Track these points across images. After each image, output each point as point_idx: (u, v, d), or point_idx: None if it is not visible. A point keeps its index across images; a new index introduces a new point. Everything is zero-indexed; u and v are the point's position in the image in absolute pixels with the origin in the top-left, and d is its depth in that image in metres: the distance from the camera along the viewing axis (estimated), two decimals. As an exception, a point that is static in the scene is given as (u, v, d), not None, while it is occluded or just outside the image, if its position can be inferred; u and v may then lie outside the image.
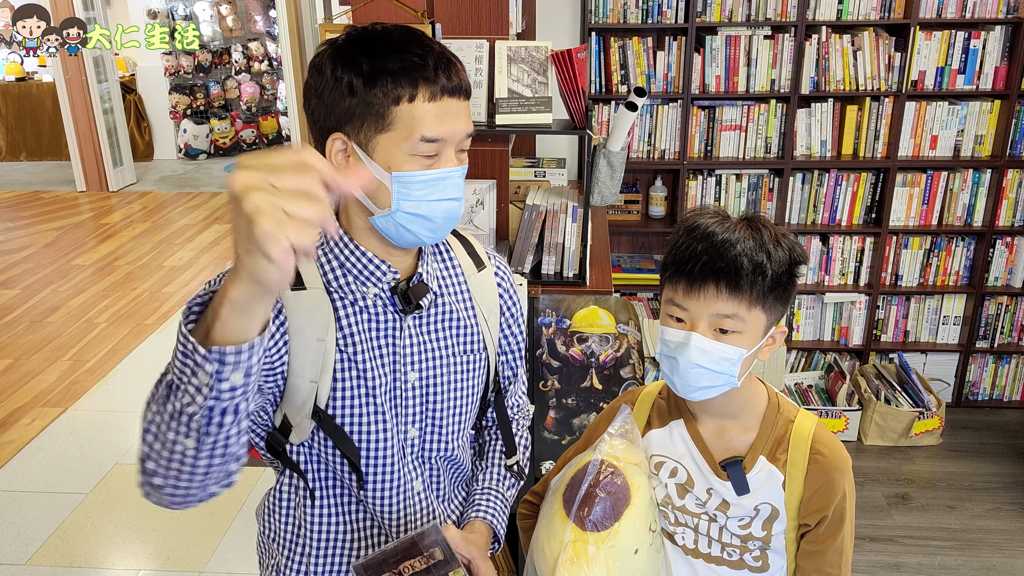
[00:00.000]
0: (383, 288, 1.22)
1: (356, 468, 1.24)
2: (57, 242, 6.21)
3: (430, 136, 1.11)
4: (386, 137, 1.12)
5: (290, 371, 1.19)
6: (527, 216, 2.30)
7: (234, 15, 8.79)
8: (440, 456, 1.32)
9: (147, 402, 1.03)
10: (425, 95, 1.10)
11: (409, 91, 1.10)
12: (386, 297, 1.23)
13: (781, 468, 1.20)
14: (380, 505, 1.29)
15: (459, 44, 2.21)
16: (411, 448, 1.28)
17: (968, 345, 3.64)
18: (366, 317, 1.23)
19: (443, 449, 1.32)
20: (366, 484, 1.27)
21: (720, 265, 1.11)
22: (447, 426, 1.31)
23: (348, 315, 1.22)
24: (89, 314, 4.93)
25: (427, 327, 1.27)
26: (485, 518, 1.37)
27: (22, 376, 4.18)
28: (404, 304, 1.23)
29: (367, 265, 1.21)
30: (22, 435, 3.65)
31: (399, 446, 1.27)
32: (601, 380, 2.18)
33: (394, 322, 1.24)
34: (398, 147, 1.12)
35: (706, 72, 3.38)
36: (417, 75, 1.11)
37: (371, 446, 1.25)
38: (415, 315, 1.25)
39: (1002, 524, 2.95)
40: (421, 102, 1.11)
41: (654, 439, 1.29)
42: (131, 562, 2.93)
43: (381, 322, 1.23)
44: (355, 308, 1.22)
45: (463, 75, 1.16)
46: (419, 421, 1.28)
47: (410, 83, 1.10)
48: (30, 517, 3.14)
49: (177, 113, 8.77)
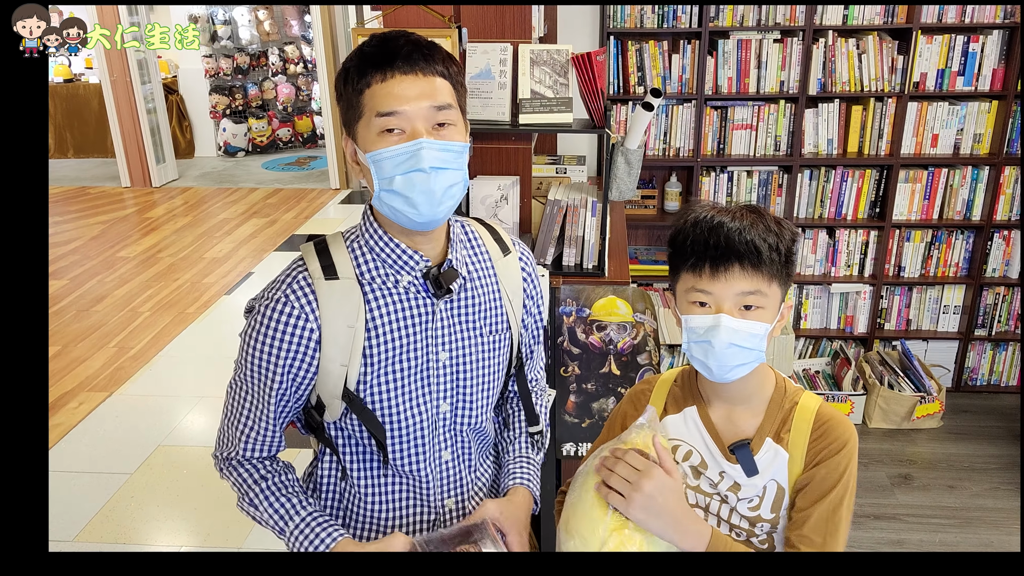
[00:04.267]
0: (416, 276, 1.24)
1: (382, 445, 1.27)
2: (103, 235, 6.30)
3: (382, 111, 1.13)
4: (360, 124, 1.17)
5: (322, 357, 1.21)
6: (549, 211, 2.31)
7: (271, 20, 8.85)
8: (469, 427, 1.34)
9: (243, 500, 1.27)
10: (379, 77, 1.14)
11: (368, 78, 1.15)
12: (419, 284, 1.24)
13: (786, 447, 1.21)
14: (413, 475, 1.32)
15: (484, 48, 2.21)
16: (442, 422, 1.30)
17: (967, 333, 3.65)
18: (399, 303, 1.24)
19: (472, 421, 1.34)
20: (396, 456, 1.30)
21: (740, 248, 1.14)
22: (476, 400, 1.33)
23: (379, 302, 1.24)
24: (133, 303, 4.99)
25: (457, 310, 1.28)
26: (525, 483, 1.40)
27: (70, 362, 4.23)
28: (436, 289, 1.24)
29: (400, 255, 1.23)
30: (70, 418, 3.70)
31: (431, 420, 1.29)
32: (619, 366, 2.18)
33: (427, 306, 1.25)
34: (367, 129, 1.16)
35: (719, 74, 3.41)
36: (374, 64, 1.15)
37: (401, 422, 1.27)
38: (446, 299, 1.27)
39: (999, 503, 2.97)
40: (376, 84, 1.14)
41: (669, 424, 1.30)
42: (173, 538, 2.96)
43: (414, 307, 1.25)
44: (387, 295, 1.24)
45: (430, 57, 1.16)
46: (450, 396, 1.30)
47: (369, 71, 1.15)
48: (77, 496, 3.17)
49: (217, 113, 8.81)
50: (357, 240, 1.25)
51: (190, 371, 4.18)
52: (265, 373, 1.22)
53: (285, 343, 1.19)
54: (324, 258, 1.23)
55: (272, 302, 1.20)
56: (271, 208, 7.00)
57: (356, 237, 1.26)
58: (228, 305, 4.92)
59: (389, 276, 1.23)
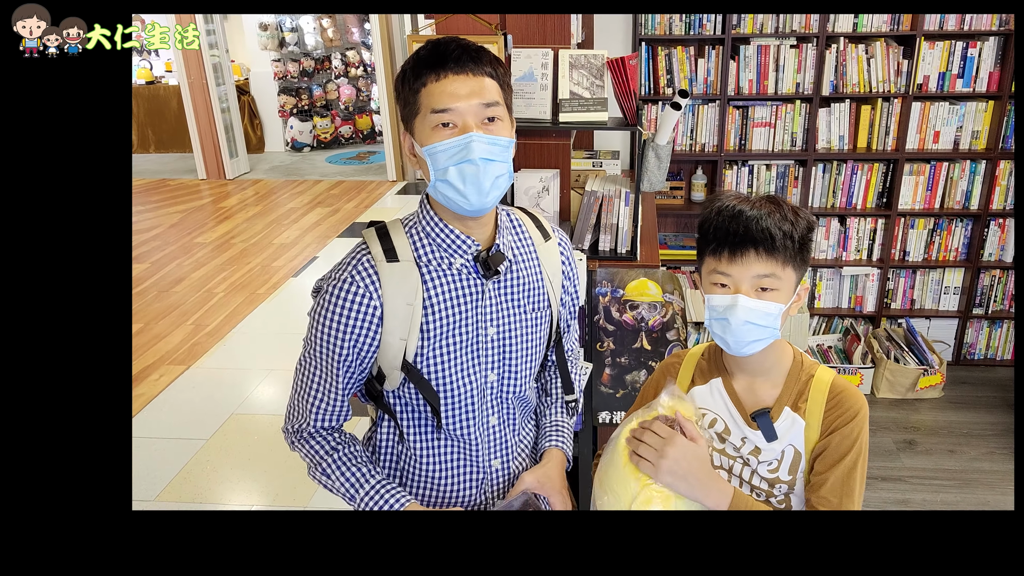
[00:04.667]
0: (468, 259, 1.25)
1: (437, 411, 1.29)
2: (181, 223, 6.40)
3: (437, 107, 1.15)
4: (417, 120, 1.19)
5: (383, 331, 1.23)
6: (586, 201, 2.29)
7: (334, 27, 8.94)
8: (513, 395, 1.36)
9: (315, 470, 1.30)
10: (433, 78, 1.16)
11: (423, 78, 1.16)
12: (470, 266, 1.25)
13: (803, 415, 1.21)
14: (463, 438, 1.33)
15: (528, 52, 2.20)
16: (490, 390, 1.32)
17: (966, 312, 3.66)
18: (452, 283, 1.25)
19: (516, 389, 1.35)
20: (448, 422, 1.31)
21: (757, 235, 1.15)
22: (519, 370, 1.34)
23: (435, 282, 1.24)
24: (209, 285, 5.04)
25: (504, 289, 1.30)
26: (558, 445, 1.43)
27: (151, 338, 4.31)
28: (485, 270, 1.25)
29: (453, 240, 1.24)
30: (151, 389, 3.76)
31: (480, 389, 1.31)
32: (650, 342, 2.17)
33: (477, 286, 1.27)
34: (423, 125, 1.18)
35: (740, 77, 3.43)
36: (428, 66, 1.16)
37: (453, 391, 1.29)
38: (494, 280, 1.28)
39: (995, 466, 3.02)
40: (431, 83, 1.16)
41: (697, 394, 1.30)
42: (244, 499, 2.97)
43: (466, 287, 1.26)
44: (442, 276, 1.25)
45: (479, 59, 1.17)
46: (497, 367, 1.31)
47: (424, 72, 1.16)
48: (157, 460, 3.19)
49: (284, 112, 8.89)
50: (415, 226, 1.26)
51: (260, 346, 4.22)
52: (333, 347, 1.23)
53: (352, 319, 1.21)
54: (385, 242, 1.24)
55: (340, 282, 1.22)
56: (334, 198, 7.01)
57: (414, 223, 1.27)
58: (295, 286, 4.95)
59: (444, 259, 1.24)
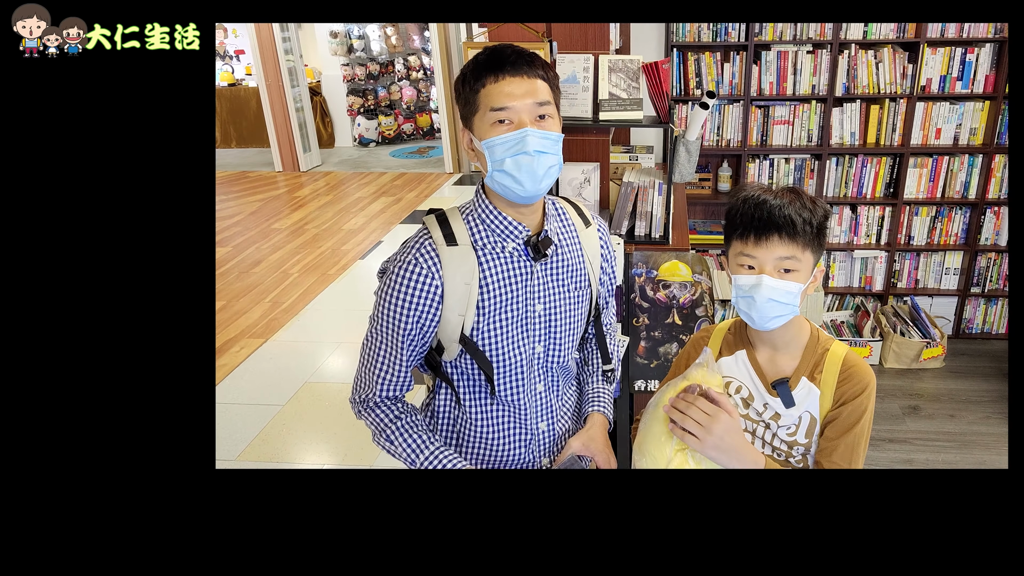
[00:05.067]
0: (519, 243, 1.28)
1: (491, 379, 1.31)
2: (260, 210, 6.58)
3: (495, 106, 1.18)
4: (476, 117, 1.21)
5: (443, 308, 1.25)
6: (624, 191, 2.33)
7: (397, 35, 9.18)
8: (558, 364, 1.38)
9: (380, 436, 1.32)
10: (492, 79, 1.18)
11: (482, 80, 1.19)
12: (521, 249, 1.28)
13: (818, 385, 1.24)
14: (513, 403, 1.36)
15: (571, 57, 2.23)
16: (537, 360, 1.34)
17: (965, 290, 3.74)
18: (505, 264, 1.27)
19: (560, 359, 1.38)
20: (500, 389, 1.33)
21: (780, 221, 1.17)
22: (563, 342, 1.36)
23: (490, 264, 1.26)
24: (284, 266, 5.19)
25: (550, 271, 1.32)
26: (600, 410, 1.47)
27: (232, 314, 4.43)
28: (534, 254, 1.28)
29: (507, 226, 1.26)
30: (232, 360, 3.88)
31: (528, 359, 1.33)
32: (681, 317, 2.22)
33: (527, 267, 1.29)
34: (482, 121, 1.20)
35: (762, 79, 3.51)
36: (488, 69, 1.19)
37: (505, 361, 1.31)
38: (542, 262, 1.30)
39: (991, 429, 3.11)
40: (490, 84, 1.18)
41: (724, 364, 1.33)
42: (316, 459, 3.05)
43: (517, 268, 1.28)
44: (496, 258, 1.27)
45: (533, 63, 1.20)
46: (544, 340, 1.34)
47: (483, 74, 1.19)
48: (238, 423, 3.28)
49: (352, 111, 9.12)
50: (471, 214, 1.28)
51: (331, 321, 4.31)
52: (398, 322, 1.25)
53: (416, 296, 1.24)
54: (445, 228, 1.27)
55: (405, 264, 1.24)
56: (397, 189, 7.18)
57: (470, 211, 1.29)
58: (362, 268, 5.10)
59: (497, 243, 1.27)
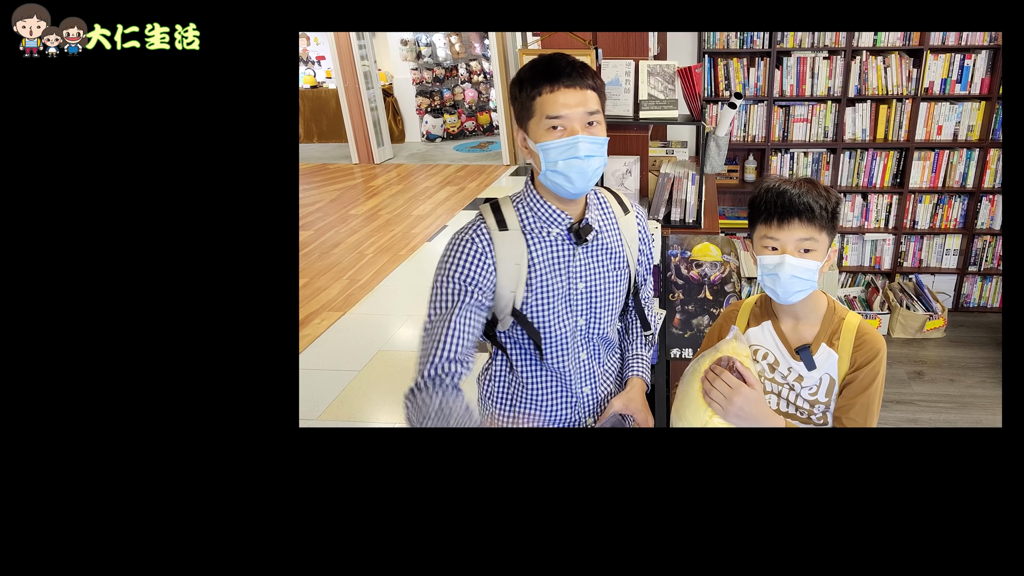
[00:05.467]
0: (563, 229, 1.30)
1: (539, 347, 1.35)
2: (338, 198, 6.78)
3: (551, 114, 1.19)
4: (532, 122, 1.23)
5: (498, 285, 1.28)
6: (661, 181, 2.34)
7: (460, 42, 9.40)
8: (599, 335, 1.41)
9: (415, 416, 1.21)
10: (548, 89, 1.19)
11: (539, 88, 1.20)
12: (564, 234, 1.30)
13: (836, 349, 1.28)
14: (559, 369, 1.38)
15: (614, 63, 2.25)
16: (580, 332, 1.37)
17: (963, 269, 3.80)
18: (550, 248, 1.30)
19: (600, 331, 1.41)
20: (547, 356, 1.36)
21: (800, 207, 1.21)
22: (604, 317, 1.39)
23: (537, 247, 1.29)
24: (360, 248, 5.36)
25: (592, 253, 1.34)
26: (639, 374, 1.50)
27: (314, 290, 4.58)
28: (576, 238, 1.30)
29: (552, 214, 1.29)
30: (314, 331, 4.00)
31: (572, 331, 1.36)
32: (712, 293, 2.28)
33: (570, 250, 1.32)
34: (538, 127, 1.22)
35: (783, 82, 3.60)
36: (544, 78, 1.20)
37: (552, 332, 1.35)
38: (584, 246, 1.32)
39: (987, 392, 3.20)
40: (546, 93, 1.19)
41: (752, 334, 1.37)
42: (388, 418, 3.16)
43: (561, 251, 1.31)
44: (542, 242, 1.29)
45: (584, 75, 1.20)
46: (586, 314, 1.37)
47: (540, 83, 1.20)
48: (320, 387, 3.37)
49: (420, 110, 9.33)
50: (521, 202, 1.31)
51: (401, 296, 4.47)
52: (456, 294, 1.27)
53: (472, 271, 1.27)
54: (497, 215, 1.30)
55: (462, 243, 1.28)
56: (460, 179, 7.35)
57: (520, 200, 1.32)
58: (429, 249, 5.26)
59: (543, 228, 1.29)
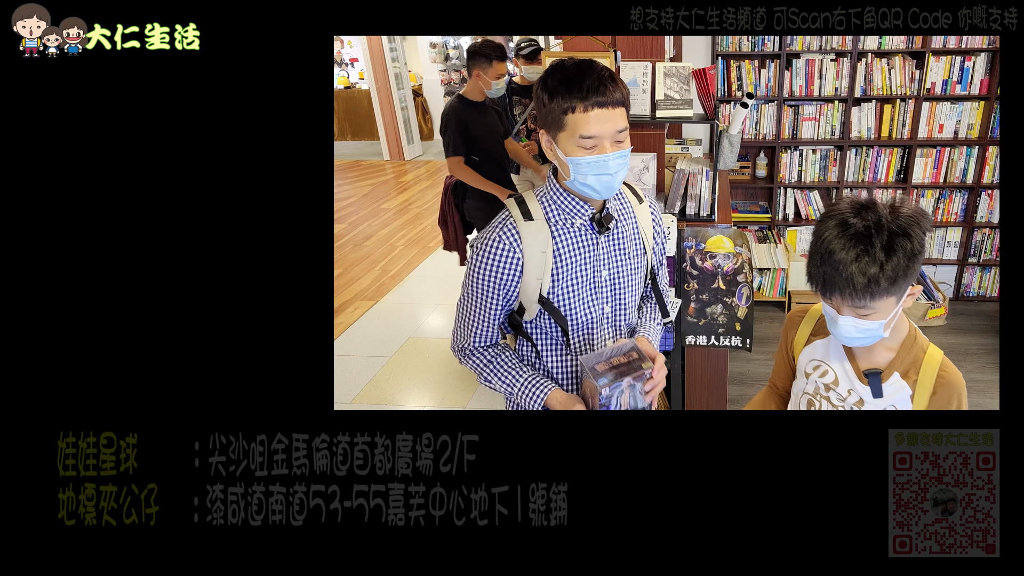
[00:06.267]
0: (585, 219, 1.32)
1: (566, 333, 1.36)
2: (371, 193, 6.89)
3: (584, 135, 1.21)
4: (563, 135, 1.24)
5: (524, 274, 1.30)
6: (676, 176, 2.37)
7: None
8: (622, 321, 1.42)
9: (480, 378, 1.40)
10: (581, 107, 1.19)
11: (571, 104, 1.20)
12: (587, 224, 1.32)
13: (911, 385, 1.18)
14: (585, 354, 1.39)
15: (632, 65, 2.28)
16: (604, 318, 1.39)
17: (963, 260, 3.87)
18: (574, 237, 1.32)
19: (624, 316, 1.42)
20: (574, 342, 1.37)
21: (841, 284, 1.07)
22: (626, 302, 1.41)
23: (561, 237, 1.31)
24: (392, 240, 5.42)
25: (613, 242, 1.36)
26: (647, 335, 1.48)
27: (348, 280, 4.62)
28: (598, 228, 1.32)
29: (574, 205, 1.31)
30: (348, 319, 4.04)
31: (597, 316, 1.38)
32: (724, 283, 2.29)
33: (592, 240, 1.34)
34: (569, 141, 1.23)
35: (792, 83, 3.64)
36: (576, 94, 1.19)
37: (577, 318, 1.36)
38: (606, 235, 1.34)
39: (985, 376, 3.24)
40: (580, 112, 1.20)
41: (818, 346, 1.28)
42: (418, 401, 3.20)
43: (584, 240, 1.33)
44: (566, 232, 1.32)
45: (614, 91, 1.20)
46: (611, 300, 1.38)
47: (572, 99, 1.20)
48: (353, 372, 3.42)
49: None
50: (545, 196, 1.33)
51: (430, 286, 4.52)
52: (486, 288, 1.32)
53: (500, 267, 1.30)
54: (523, 207, 1.31)
55: (491, 242, 1.30)
56: None
57: (544, 193, 1.33)
58: None
59: (567, 219, 1.31)
